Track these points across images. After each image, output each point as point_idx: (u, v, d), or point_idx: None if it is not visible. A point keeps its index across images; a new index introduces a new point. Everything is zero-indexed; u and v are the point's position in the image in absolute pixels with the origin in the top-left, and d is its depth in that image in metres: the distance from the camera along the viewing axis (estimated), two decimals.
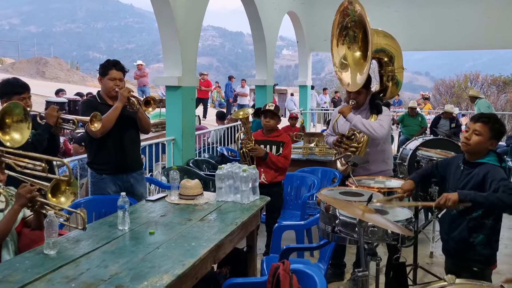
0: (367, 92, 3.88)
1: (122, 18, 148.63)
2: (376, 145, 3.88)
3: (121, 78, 3.76)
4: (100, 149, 3.76)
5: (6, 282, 2.03)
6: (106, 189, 3.76)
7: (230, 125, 7.95)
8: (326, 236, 2.90)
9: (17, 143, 2.18)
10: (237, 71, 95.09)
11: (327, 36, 10.94)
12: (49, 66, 23.33)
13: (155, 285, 2.04)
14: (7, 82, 3.29)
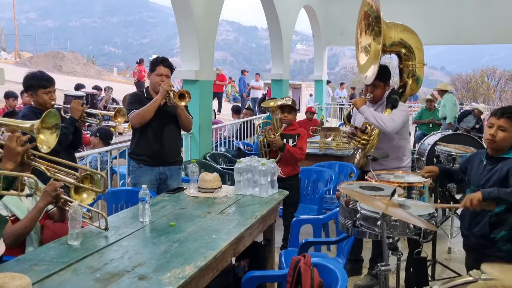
0: (384, 87, 3.85)
1: (137, 12, 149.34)
2: (391, 141, 3.84)
3: (167, 74, 3.88)
4: (140, 140, 3.90)
5: (33, 271, 2.07)
6: (142, 179, 3.86)
7: (245, 119, 7.96)
8: (345, 230, 2.89)
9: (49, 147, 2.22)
10: (251, 66, 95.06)
11: (343, 30, 10.94)
12: (66, 60, 23.58)
13: (178, 276, 2.07)
14: (33, 76, 3.35)
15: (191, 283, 2.14)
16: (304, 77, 48.68)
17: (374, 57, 3.81)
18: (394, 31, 3.83)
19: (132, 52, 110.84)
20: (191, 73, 5.58)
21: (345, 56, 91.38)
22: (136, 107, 3.79)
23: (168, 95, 3.75)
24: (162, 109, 3.80)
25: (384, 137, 3.80)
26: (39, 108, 3.33)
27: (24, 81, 3.32)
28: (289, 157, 4.21)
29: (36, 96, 3.30)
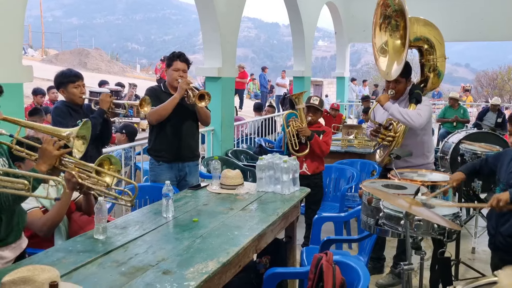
0: (406, 82, 3.81)
1: (159, 10, 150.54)
2: (415, 137, 3.80)
3: (184, 69, 3.89)
4: (158, 137, 3.93)
5: (60, 264, 2.12)
6: (161, 176, 3.90)
7: (267, 116, 7.97)
8: (367, 228, 2.89)
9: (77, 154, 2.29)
10: (272, 63, 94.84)
11: (366, 26, 10.81)
12: (90, 57, 23.97)
13: (201, 271, 2.09)
14: (62, 73, 3.45)
15: (214, 279, 2.16)
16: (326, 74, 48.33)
17: (396, 54, 3.77)
18: (416, 25, 3.79)
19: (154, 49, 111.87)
20: (213, 70, 5.62)
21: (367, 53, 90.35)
22: (153, 102, 3.79)
23: (186, 93, 3.76)
24: (180, 105, 3.80)
25: (409, 133, 3.77)
26: (71, 104, 3.43)
27: (55, 80, 3.43)
28: (316, 147, 4.21)
29: (67, 92, 3.40)
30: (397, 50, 3.78)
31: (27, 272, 1.68)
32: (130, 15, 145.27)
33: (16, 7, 3.09)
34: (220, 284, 2.28)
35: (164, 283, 1.97)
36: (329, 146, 4.33)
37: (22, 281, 1.63)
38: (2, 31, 3.01)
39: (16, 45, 3.11)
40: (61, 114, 3.40)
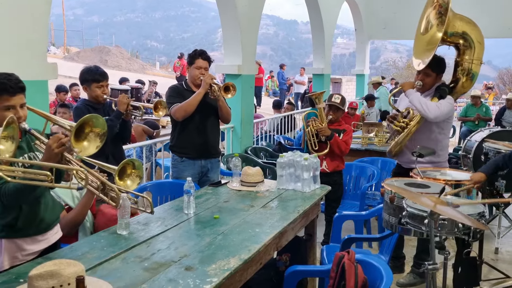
0: (436, 78, 3.76)
1: (178, 7, 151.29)
2: (429, 133, 3.75)
3: (206, 67, 3.93)
4: (181, 133, 3.97)
5: (85, 258, 2.15)
6: (184, 172, 3.94)
7: (286, 114, 7.95)
8: (389, 227, 2.86)
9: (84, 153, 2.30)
10: (291, 60, 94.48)
11: (386, 23, 10.69)
12: (111, 55, 24.24)
13: (223, 268, 2.10)
14: (88, 70, 3.48)
15: (236, 276, 2.17)
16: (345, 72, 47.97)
17: (431, 44, 3.71)
18: (459, 21, 3.70)
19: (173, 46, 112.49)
20: (233, 67, 5.63)
21: (387, 50, 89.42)
22: (177, 100, 3.85)
23: (210, 88, 3.80)
24: (203, 102, 3.84)
25: (423, 127, 3.73)
26: (92, 102, 3.46)
27: (80, 75, 3.46)
28: (335, 147, 4.19)
29: (90, 90, 3.43)
30: (434, 41, 3.71)
31: (53, 266, 1.70)
32: (150, 13, 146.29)
33: (41, 6, 3.14)
34: (241, 281, 2.29)
35: (186, 279, 1.99)
36: (348, 146, 4.31)
37: (49, 275, 1.66)
38: (28, 30, 3.06)
39: (41, 43, 3.16)
40: (81, 114, 3.45)
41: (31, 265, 2.06)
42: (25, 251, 2.30)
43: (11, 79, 2.21)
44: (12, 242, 2.28)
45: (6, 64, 2.84)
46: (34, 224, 2.33)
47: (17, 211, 2.25)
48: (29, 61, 3.00)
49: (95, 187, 2.35)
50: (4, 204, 2.19)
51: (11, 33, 2.95)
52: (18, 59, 2.97)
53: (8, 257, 2.26)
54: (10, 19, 2.94)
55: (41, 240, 2.38)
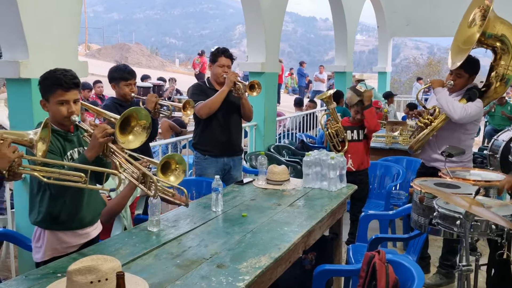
0: (468, 79, 3.71)
1: (197, 4, 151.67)
2: (452, 132, 3.71)
3: (229, 65, 3.95)
4: (205, 131, 3.99)
5: (119, 254, 2.19)
6: (207, 170, 3.96)
7: (308, 112, 7.92)
8: (418, 227, 2.84)
9: (128, 146, 2.33)
10: (309, 57, 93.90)
11: (410, 20, 10.53)
12: (131, 52, 24.49)
13: (254, 266, 2.11)
14: (117, 68, 3.53)
15: (266, 274, 2.18)
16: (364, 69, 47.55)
17: (467, 43, 3.66)
18: (500, 24, 3.63)
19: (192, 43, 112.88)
20: (257, 65, 5.62)
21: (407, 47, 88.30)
22: (200, 98, 3.87)
23: (234, 86, 3.82)
24: (226, 99, 3.85)
25: (448, 126, 3.70)
26: (120, 100, 3.51)
27: (108, 73, 3.51)
28: (370, 117, 4.21)
29: (118, 88, 3.47)
30: (470, 40, 3.65)
31: (91, 262, 1.73)
32: (169, 10, 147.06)
33: (72, 5, 3.19)
34: (271, 279, 2.30)
35: (219, 277, 2.00)
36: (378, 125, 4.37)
37: (87, 270, 1.69)
38: (61, 29, 3.12)
39: (72, 42, 3.21)
40: (109, 111, 3.51)
41: (68, 260, 2.11)
42: (65, 244, 2.36)
43: (66, 74, 2.27)
44: (54, 234, 2.34)
45: (40, 62, 2.89)
46: (76, 218, 2.38)
47: (62, 204, 2.30)
48: (61, 59, 3.05)
49: (135, 178, 2.37)
50: (52, 194, 2.24)
51: (45, 32, 3.01)
52: (51, 58, 3.02)
53: (49, 248, 2.32)
54: (44, 18, 2.99)
55: (81, 234, 2.43)
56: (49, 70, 2.30)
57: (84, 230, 2.44)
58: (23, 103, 2.90)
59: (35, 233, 2.41)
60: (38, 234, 2.38)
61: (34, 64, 2.87)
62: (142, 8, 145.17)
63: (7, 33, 2.92)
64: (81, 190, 2.29)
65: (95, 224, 2.53)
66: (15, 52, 2.91)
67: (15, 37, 2.88)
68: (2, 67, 2.95)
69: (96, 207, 2.52)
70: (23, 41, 2.86)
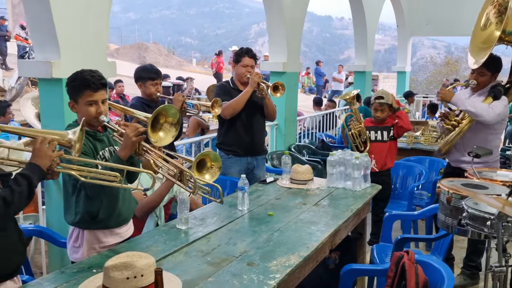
0: (491, 77, 3.67)
1: (213, 3, 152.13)
2: (478, 132, 3.67)
3: (252, 65, 3.97)
4: (228, 131, 4.02)
5: (150, 251, 2.23)
6: (231, 169, 4.00)
7: (327, 112, 7.91)
8: (445, 227, 2.82)
9: (160, 143, 2.37)
10: (325, 56, 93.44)
11: (430, 19, 10.42)
12: (149, 52, 24.67)
13: (284, 264, 2.13)
14: (143, 68, 3.59)
15: (295, 272, 2.20)
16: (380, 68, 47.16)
17: (487, 42, 3.63)
18: None
19: (207, 43, 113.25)
20: (278, 65, 5.64)
21: (424, 46, 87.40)
22: (224, 98, 3.89)
23: (258, 86, 3.84)
24: (250, 100, 3.89)
25: (475, 126, 3.66)
26: (146, 99, 3.55)
27: (135, 73, 3.56)
28: (403, 118, 4.20)
29: (144, 87, 3.52)
30: (491, 39, 3.62)
31: (127, 258, 1.77)
32: (185, 10, 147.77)
33: (102, 6, 3.24)
34: (300, 278, 2.32)
35: (250, 274, 2.03)
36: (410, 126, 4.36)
37: (124, 266, 1.73)
38: (90, 29, 3.17)
39: (102, 42, 3.27)
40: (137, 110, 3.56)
41: (101, 257, 2.16)
42: (102, 243, 2.40)
43: (94, 75, 2.30)
44: (92, 233, 2.38)
45: (71, 63, 2.95)
46: (113, 216, 2.42)
47: (99, 203, 2.35)
48: (92, 60, 3.11)
49: (172, 175, 2.41)
50: (89, 195, 2.28)
51: (76, 33, 3.07)
52: (82, 58, 3.08)
53: (87, 248, 2.36)
54: (75, 19, 3.05)
55: (118, 233, 2.47)
56: (76, 71, 2.33)
57: (120, 229, 2.48)
58: (54, 103, 2.97)
59: (71, 233, 2.44)
60: (76, 234, 2.41)
61: (66, 64, 2.93)
62: (158, 8, 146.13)
63: (40, 34, 2.99)
64: (117, 188, 2.32)
65: (129, 222, 2.57)
66: (47, 52, 2.98)
67: (47, 38, 2.95)
68: (34, 67, 3.03)
69: (130, 206, 2.56)
70: (55, 42, 2.92)
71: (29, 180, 1.84)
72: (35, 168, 1.88)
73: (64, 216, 2.43)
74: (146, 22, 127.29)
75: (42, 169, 1.89)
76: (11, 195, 1.78)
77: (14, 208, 1.83)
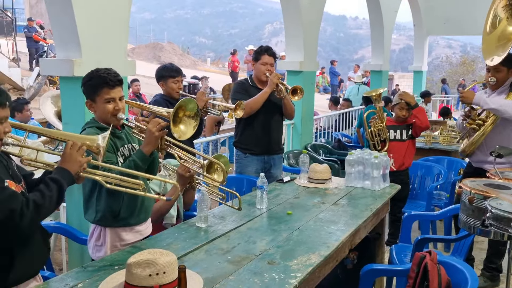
0: (508, 72, 3.61)
1: (227, 3, 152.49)
2: (503, 131, 3.61)
3: (272, 63, 3.96)
4: (246, 130, 4.03)
5: (171, 249, 2.22)
6: (247, 168, 4.01)
7: (343, 111, 7.86)
8: (467, 228, 2.78)
9: (184, 136, 2.37)
10: (339, 56, 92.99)
11: (448, 18, 10.30)
12: (164, 51, 24.84)
13: (305, 263, 2.12)
14: (164, 67, 3.62)
15: (316, 271, 2.18)
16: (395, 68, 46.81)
17: (503, 38, 3.58)
18: None
19: (221, 42, 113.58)
20: (295, 64, 5.63)
21: (439, 46, 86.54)
22: (242, 97, 3.89)
23: (276, 87, 3.83)
24: (268, 99, 3.89)
25: (498, 125, 3.60)
26: (168, 96, 3.58)
27: (156, 72, 3.60)
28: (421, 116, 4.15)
29: (166, 86, 3.55)
30: (505, 36, 3.57)
31: (149, 255, 1.77)
32: (199, 9, 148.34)
33: (122, 6, 3.27)
34: (320, 277, 2.30)
35: (271, 273, 2.02)
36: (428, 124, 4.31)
37: (146, 263, 1.73)
38: (111, 28, 3.20)
39: (122, 41, 3.29)
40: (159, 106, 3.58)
41: (122, 254, 2.17)
42: (124, 241, 2.40)
43: (110, 73, 2.31)
44: (114, 231, 2.39)
45: (92, 61, 2.97)
46: (134, 214, 2.43)
47: (120, 201, 2.36)
48: (112, 58, 3.13)
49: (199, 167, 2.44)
50: (108, 191, 2.29)
51: (97, 32, 3.09)
52: (103, 56, 3.11)
53: (110, 246, 2.37)
54: (96, 18, 3.08)
55: (138, 230, 2.47)
56: (91, 70, 2.34)
57: (140, 226, 2.49)
58: (76, 101, 2.99)
59: (92, 231, 2.44)
60: (98, 233, 2.41)
61: (87, 63, 2.95)
62: (172, 8, 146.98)
63: (62, 33, 3.02)
64: None
65: (148, 220, 2.58)
66: (69, 51, 3.00)
67: (69, 37, 2.97)
68: (56, 66, 3.05)
69: (150, 203, 2.57)
70: (77, 40, 2.95)
71: (59, 185, 1.85)
72: (65, 172, 1.89)
73: (85, 215, 2.44)
74: (161, 22, 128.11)
75: (71, 174, 1.91)
76: (42, 199, 1.79)
77: (44, 212, 1.83)
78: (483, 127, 3.62)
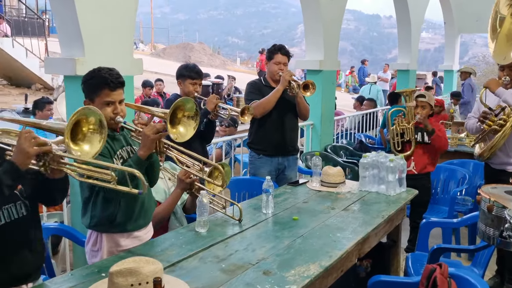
0: None
1: (259, 4, 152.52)
2: None
3: (285, 62, 3.87)
4: (259, 131, 3.94)
5: (164, 255, 2.15)
6: (261, 169, 3.92)
7: (367, 111, 7.63)
8: (486, 238, 2.59)
9: (182, 138, 2.28)
10: (372, 55, 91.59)
11: (479, 16, 9.94)
12: (194, 51, 25.00)
13: (302, 275, 2.00)
14: (186, 66, 3.53)
15: (315, 283, 2.06)
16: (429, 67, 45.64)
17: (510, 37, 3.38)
18: None
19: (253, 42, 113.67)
20: (315, 63, 5.48)
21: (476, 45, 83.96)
22: (255, 96, 3.82)
23: (289, 85, 3.72)
24: (282, 98, 3.79)
25: None
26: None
27: (177, 70, 3.51)
28: (437, 142, 3.93)
29: (183, 85, 3.46)
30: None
31: (133, 264, 1.69)
32: (231, 10, 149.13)
33: (128, 5, 3.22)
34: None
35: (264, 284, 1.91)
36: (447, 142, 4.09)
37: (129, 272, 1.65)
38: (116, 28, 3.15)
39: (128, 40, 3.24)
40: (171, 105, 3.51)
41: (113, 259, 2.10)
42: (121, 247, 2.33)
43: (112, 73, 2.21)
44: (111, 237, 2.32)
45: (96, 60, 2.93)
46: (131, 220, 2.35)
47: (116, 206, 2.28)
48: (116, 57, 3.08)
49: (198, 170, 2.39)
50: (105, 196, 2.23)
51: (101, 30, 3.05)
52: (107, 55, 3.06)
53: (106, 252, 2.30)
54: (100, 16, 3.04)
55: (137, 236, 2.40)
56: (93, 69, 2.24)
57: (139, 232, 2.41)
58: (80, 101, 2.94)
59: (89, 236, 2.39)
60: (95, 238, 2.35)
61: (90, 62, 2.90)
62: (206, 9, 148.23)
63: (65, 31, 2.99)
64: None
65: (148, 226, 2.49)
66: (72, 49, 2.97)
67: (72, 35, 2.94)
68: (60, 64, 3.02)
69: (149, 208, 2.48)
70: (80, 39, 2.91)
71: None
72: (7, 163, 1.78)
73: (81, 219, 2.39)
74: (194, 23, 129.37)
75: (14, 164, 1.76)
76: None
77: None
78: (504, 127, 3.41)
